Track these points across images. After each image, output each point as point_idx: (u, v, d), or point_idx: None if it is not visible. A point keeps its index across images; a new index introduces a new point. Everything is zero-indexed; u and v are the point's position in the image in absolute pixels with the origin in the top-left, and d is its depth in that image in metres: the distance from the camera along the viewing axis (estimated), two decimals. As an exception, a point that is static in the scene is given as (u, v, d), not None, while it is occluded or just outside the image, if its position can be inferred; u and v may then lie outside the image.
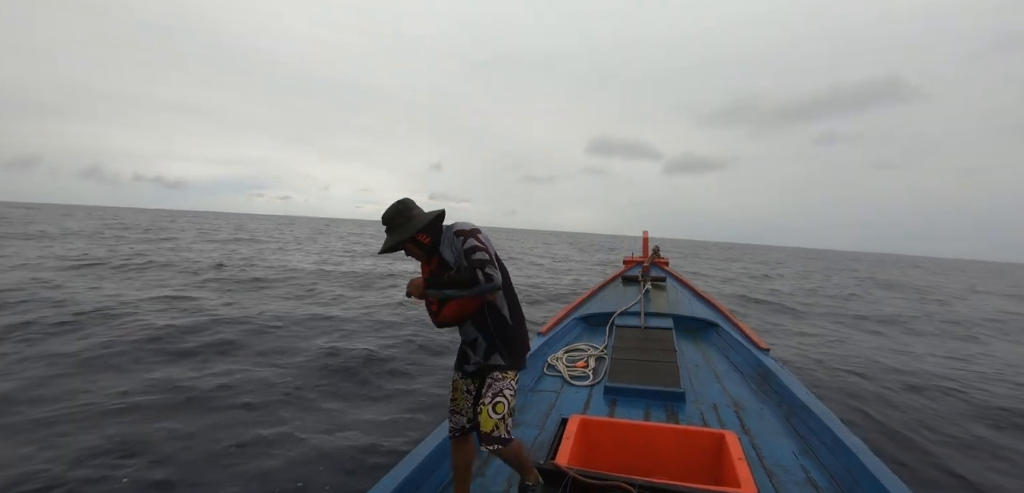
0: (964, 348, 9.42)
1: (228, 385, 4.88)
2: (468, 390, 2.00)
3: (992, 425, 4.98)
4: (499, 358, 1.88)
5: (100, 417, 4.05)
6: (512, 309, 1.94)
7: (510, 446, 1.79)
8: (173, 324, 7.06)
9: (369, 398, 4.87)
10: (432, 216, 1.87)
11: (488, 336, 1.88)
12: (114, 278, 11.63)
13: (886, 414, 5.03)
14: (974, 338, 10.81)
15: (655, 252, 8.86)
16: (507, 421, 1.80)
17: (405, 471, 2.13)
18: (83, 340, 6.15)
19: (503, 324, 1.89)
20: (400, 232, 1.83)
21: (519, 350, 1.92)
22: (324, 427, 4.09)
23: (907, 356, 8.20)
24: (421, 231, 1.84)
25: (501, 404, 1.79)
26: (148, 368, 5.31)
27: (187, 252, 19.15)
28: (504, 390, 1.82)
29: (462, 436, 2.01)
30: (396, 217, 1.86)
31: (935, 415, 5.14)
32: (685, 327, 5.07)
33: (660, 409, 3.11)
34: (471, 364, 1.96)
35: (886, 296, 19.28)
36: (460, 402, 2.00)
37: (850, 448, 2.31)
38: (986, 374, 7.10)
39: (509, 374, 1.87)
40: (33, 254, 14.96)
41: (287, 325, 7.65)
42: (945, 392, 5.97)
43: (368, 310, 9.31)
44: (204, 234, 33.14)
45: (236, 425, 4.02)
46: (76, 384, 4.75)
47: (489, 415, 1.78)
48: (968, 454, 4.24)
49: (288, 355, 6.06)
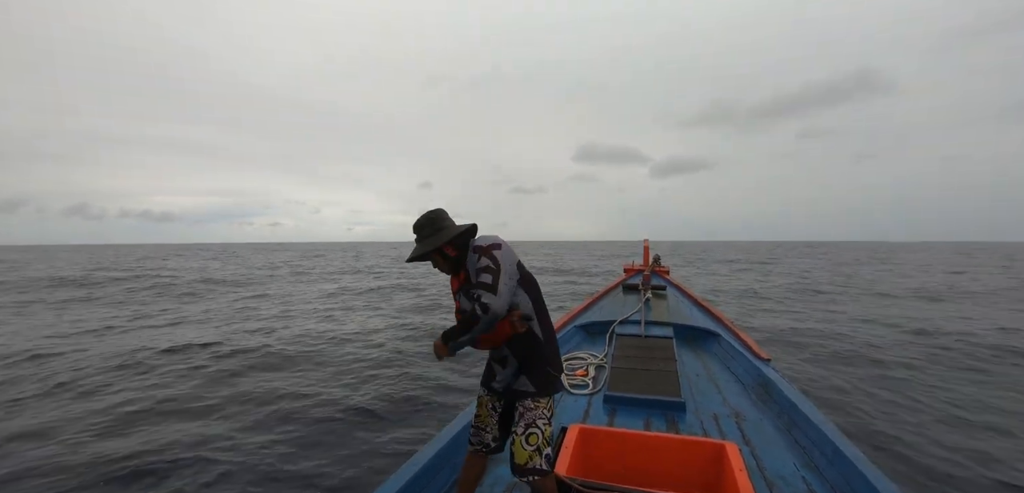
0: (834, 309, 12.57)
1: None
2: (494, 407, 1.93)
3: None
4: (528, 383, 1.79)
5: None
6: (544, 328, 1.84)
7: (548, 479, 1.73)
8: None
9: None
10: (461, 229, 1.81)
11: (518, 355, 1.81)
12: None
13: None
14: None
15: (655, 261, 8.86)
16: (542, 451, 1.73)
17: (406, 476, 2.12)
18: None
19: (535, 344, 1.81)
20: (427, 243, 1.79)
21: (551, 375, 1.82)
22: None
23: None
24: (448, 243, 1.80)
25: (535, 435, 1.73)
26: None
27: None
28: (537, 421, 1.76)
29: (479, 453, 1.93)
30: (426, 226, 1.81)
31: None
32: (685, 336, 5.05)
33: (660, 419, 3.10)
34: (498, 382, 1.89)
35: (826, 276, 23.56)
36: (485, 418, 1.93)
37: (851, 459, 2.30)
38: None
39: (541, 402, 1.79)
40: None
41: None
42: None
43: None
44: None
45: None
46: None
47: (522, 446, 1.73)
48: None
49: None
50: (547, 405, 1.80)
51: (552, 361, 1.84)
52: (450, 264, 1.84)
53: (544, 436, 1.75)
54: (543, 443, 1.74)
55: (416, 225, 1.84)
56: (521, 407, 1.79)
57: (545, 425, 1.77)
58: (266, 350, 7.71)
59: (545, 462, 1.73)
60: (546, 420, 1.78)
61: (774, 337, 8.71)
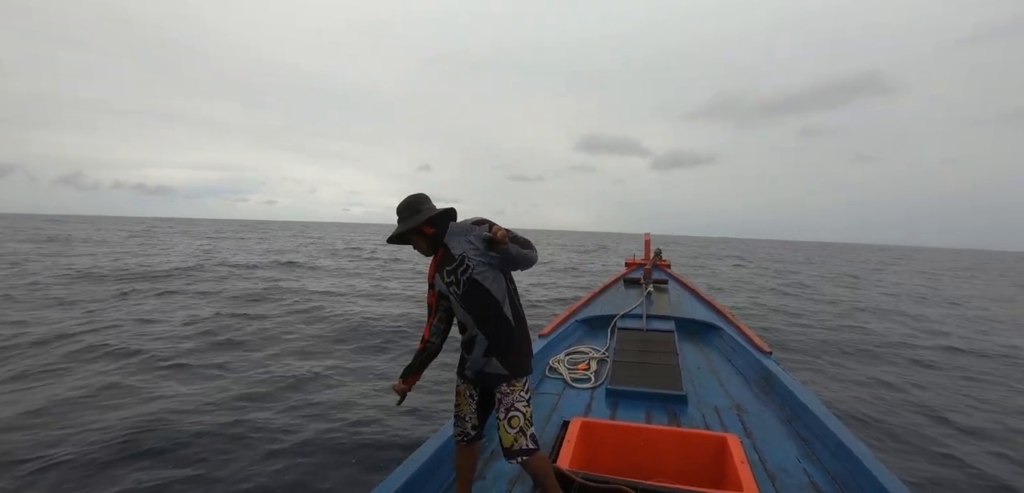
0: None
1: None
2: (471, 395, 1.97)
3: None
4: (498, 364, 1.85)
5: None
6: (515, 312, 1.92)
7: (536, 456, 1.79)
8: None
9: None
10: (439, 211, 1.90)
11: (488, 336, 1.85)
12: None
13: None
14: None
15: (657, 255, 8.86)
16: (527, 432, 1.80)
17: (407, 473, 2.13)
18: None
19: (506, 326, 1.87)
20: (406, 222, 1.87)
21: (519, 356, 1.89)
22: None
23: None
24: (426, 222, 1.87)
25: (516, 418, 1.80)
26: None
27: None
28: (516, 403, 1.82)
29: (467, 443, 1.99)
30: (406, 210, 1.89)
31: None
32: (687, 330, 5.06)
33: (662, 412, 3.11)
34: (469, 368, 1.94)
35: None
36: (463, 407, 1.98)
37: (853, 451, 2.31)
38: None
39: (517, 385, 1.85)
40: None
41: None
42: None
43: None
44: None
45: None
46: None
47: (506, 430, 1.80)
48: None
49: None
50: (523, 387, 1.87)
51: (521, 345, 1.91)
52: (427, 241, 1.91)
53: (525, 417, 1.82)
54: (526, 424, 1.81)
55: (398, 208, 1.93)
56: (499, 393, 1.86)
57: (524, 406, 1.83)
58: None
59: (530, 441, 1.80)
60: (525, 402, 1.84)
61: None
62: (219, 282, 14.24)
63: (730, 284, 19.51)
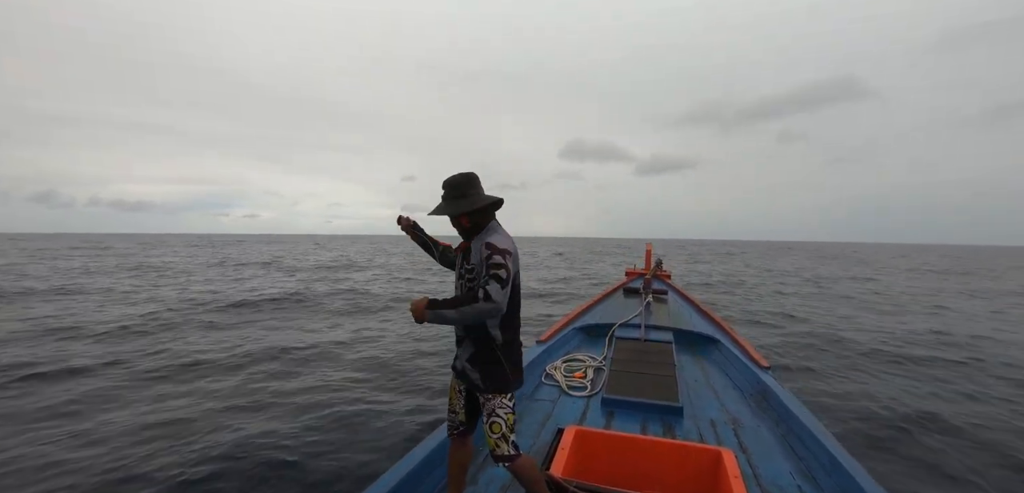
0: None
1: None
2: (459, 390, 2.01)
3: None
4: (477, 376, 1.85)
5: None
6: (505, 334, 1.86)
7: (519, 462, 1.82)
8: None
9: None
10: (484, 203, 1.84)
11: (474, 344, 1.86)
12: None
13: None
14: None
15: (657, 265, 8.85)
16: (507, 438, 1.82)
17: (403, 470, 2.14)
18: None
19: (490, 344, 1.84)
20: (449, 206, 1.83)
21: (499, 375, 1.85)
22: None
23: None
24: (466, 214, 1.83)
25: (497, 424, 1.82)
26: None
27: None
28: (496, 410, 1.83)
29: (459, 436, 2.02)
30: (453, 188, 1.85)
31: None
32: (685, 341, 5.04)
33: (657, 423, 3.09)
34: (456, 361, 1.96)
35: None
36: (454, 400, 2.02)
37: (847, 470, 2.29)
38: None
39: (498, 395, 1.84)
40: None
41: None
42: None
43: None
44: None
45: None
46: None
47: (488, 434, 1.83)
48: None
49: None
50: (505, 396, 1.86)
51: (504, 364, 1.85)
52: (463, 232, 1.90)
53: (506, 424, 1.83)
54: (507, 430, 1.82)
55: (446, 182, 1.88)
56: (482, 398, 1.87)
57: (506, 413, 1.84)
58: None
59: (511, 448, 1.82)
60: (507, 409, 1.84)
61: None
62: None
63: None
